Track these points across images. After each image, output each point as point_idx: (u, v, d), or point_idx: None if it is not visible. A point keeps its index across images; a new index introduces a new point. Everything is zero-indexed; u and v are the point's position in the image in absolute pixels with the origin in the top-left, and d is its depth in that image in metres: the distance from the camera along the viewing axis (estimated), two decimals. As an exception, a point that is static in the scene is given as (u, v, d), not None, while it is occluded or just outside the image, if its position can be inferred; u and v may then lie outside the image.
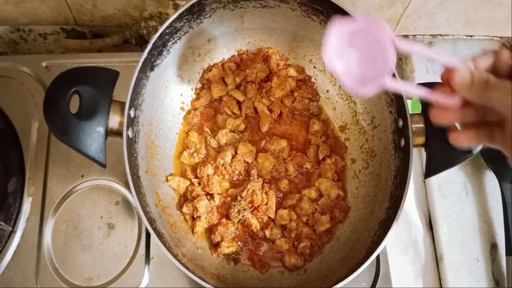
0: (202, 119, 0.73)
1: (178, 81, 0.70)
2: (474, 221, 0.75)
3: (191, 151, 0.70)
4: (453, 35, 0.88)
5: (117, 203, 0.69)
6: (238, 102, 0.72)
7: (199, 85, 0.74)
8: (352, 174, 0.71)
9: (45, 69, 0.75)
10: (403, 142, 0.58)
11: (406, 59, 0.88)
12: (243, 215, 0.65)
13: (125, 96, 0.54)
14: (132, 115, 0.56)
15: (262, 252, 0.67)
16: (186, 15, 0.62)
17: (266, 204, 0.67)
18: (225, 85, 0.72)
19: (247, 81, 0.72)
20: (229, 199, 0.68)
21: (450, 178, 0.78)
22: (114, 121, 0.54)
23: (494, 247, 0.74)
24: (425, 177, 0.57)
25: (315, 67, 0.75)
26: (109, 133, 0.54)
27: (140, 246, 0.67)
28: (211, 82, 0.72)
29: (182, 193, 0.68)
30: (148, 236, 0.67)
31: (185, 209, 0.66)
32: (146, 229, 0.67)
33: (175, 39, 0.64)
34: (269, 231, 0.66)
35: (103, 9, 0.79)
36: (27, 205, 0.67)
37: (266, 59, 0.73)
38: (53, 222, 0.67)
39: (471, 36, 0.88)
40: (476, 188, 0.78)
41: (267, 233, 0.66)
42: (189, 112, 0.72)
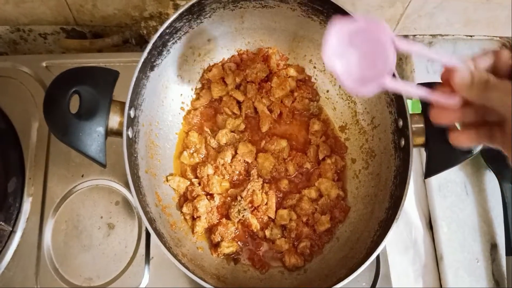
0: (202, 119, 0.73)
1: (178, 81, 0.70)
2: (474, 221, 0.75)
3: (191, 151, 0.70)
4: (453, 35, 0.88)
5: (117, 203, 0.69)
6: (238, 102, 0.72)
7: (199, 85, 0.74)
8: (352, 174, 0.71)
9: (45, 69, 0.75)
10: (403, 142, 0.58)
11: (406, 59, 0.88)
12: (243, 215, 0.65)
13: (125, 96, 0.54)
14: (132, 115, 0.56)
15: (262, 252, 0.67)
16: (186, 15, 0.62)
17: (266, 204, 0.67)
18: (225, 85, 0.72)
19: (247, 81, 0.72)
20: (229, 199, 0.68)
21: (450, 178, 0.78)
22: (114, 121, 0.54)
23: (494, 247, 0.74)
24: (425, 177, 0.57)
25: (315, 67, 0.75)
26: (109, 133, 0.54)
27: (140, 246, 0.67)
28: (211, 82, 0.72)
29: (182, 193, 0.68)
30: (148, 236, 0.67)
31: (185, 209, 0.66)
32: (146, 229, 0.67)
33: (175, 39, 0.64)
34: (269, 231, 0.66)
35: (103, 9, 0.79)
36: (27, 205, 0.67)
37: (266, 59, 0.73)
38: (53, 222, 0.67)
39: (471, 36, 0.88)
40: (476, 188, 0.78)
41: (267, 233, 0.66)
42: (189, 112, 0.72)
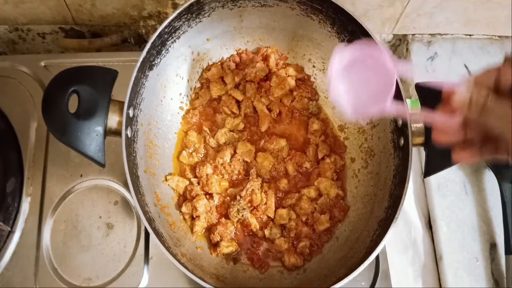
0: (201, 118, 0.72)
1: (177, 80, 0.70)
2: (473, 220, 0.75)
3: (190, 151, 0.70)
4: (452, 34, 0.88)
5: (116, 202, 0.69)
6: (237, 101, 0.72)
7: (198, 85, 0.74)
8: (351, 173, 0.71)
9: (44, 69, 0.75)
10: (402, 141, 0.58)
11: (405, 58, 0.88)
12: (242, 215, 0.65)
13: (124, 95, 0.54)
14: (131, 114, 0.56)
15: (261, 251, 0.66)
16: (185, 14, 0.62)
17: (265, 203, 0.67)
18: (224, 84, 0.72)
19: (246, 80, 0.72)
20: (228, 198, 0.67)
21: (449, 177, 0.78)
22: (113, 120, 0.54)
23: (493, 246, 0.74)
24: (425, 176, 0.57)
25: (314, 66, 0.75)
26: (108, 132, 0.54)
27: (139, 246, 0.66)
28: (210, 81, 0.72)
29: (181, 193, 0.68)
30: (147, 235, 0.67)
31: (184, 209, 0.65)
32: (145, 228, 0.67)
33: (174, 38, 0.64)
34: (269, 230, 0.66)
35: (101, 9, 0.78)
36: (25, 205, 0.67)
37: (265, 58, 0.73)
38: (52, 222, 0.67)
39: (471, 35, 0.88)
40: (475, 187, 0.78)
41: (266, 232, 0.66)
42: (188, 111, 0.72)
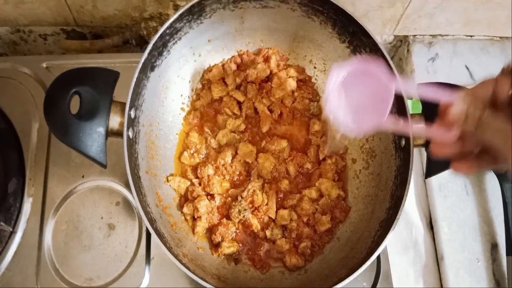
0: (202, 119, 0.72)
1: (178, 81, 0.70)
2: (474, 221, 0.75)
3: (192, 152, 0.70)
4: (453, 35, 0.88)
5: (117, 203, 0.69)
6: (238, 102, 0.72)
7: (199, 86, 0.74)
8: (352, 174, 0.71)
9: (45, 70, 0.75)
10: (403, 142, 0.58)
11: (406, 59, 0.88)
12: (244, 215, 0.65)
13: (126, 96, 0.54)
14: (132, 115, 0.56)
15: (262, 252, 0.66)
16: (186, 15, 0.62)
17: (266, 204, 0.67)
18: (226, 85, 0.72)
19: (248, 82, 0.72)
20: (229, 199, 0.67)
21: (450, 178, 0.78)
22: (114, 121, 0.54)
23: (494, 247, 0.74)
24: (426, 177, 0.57)
25: (315, 67, 0.75)
26: (109, 133, 0.54)
27: (140, 246, 0.66)
28: (211, 82, 0.72)
29: (182, 194, 0.68)
30: (148, 236, 0.67)
31: (185, 210, 0.65)
32: (146, 229, 0.67)
33: (175, 39, 0.64)
34: (270, 231, 0.66)
35: (103, 10, 0.79)
36: (27, 206, 0.67)
37: (266, 60, 0.73)
38: (53, 222, 0.67)
39: (471, 36, 0.88)
40: (476, 188, 0.78)
41: (267, 233, 0.66)
42: (189, 112, 0.72)
